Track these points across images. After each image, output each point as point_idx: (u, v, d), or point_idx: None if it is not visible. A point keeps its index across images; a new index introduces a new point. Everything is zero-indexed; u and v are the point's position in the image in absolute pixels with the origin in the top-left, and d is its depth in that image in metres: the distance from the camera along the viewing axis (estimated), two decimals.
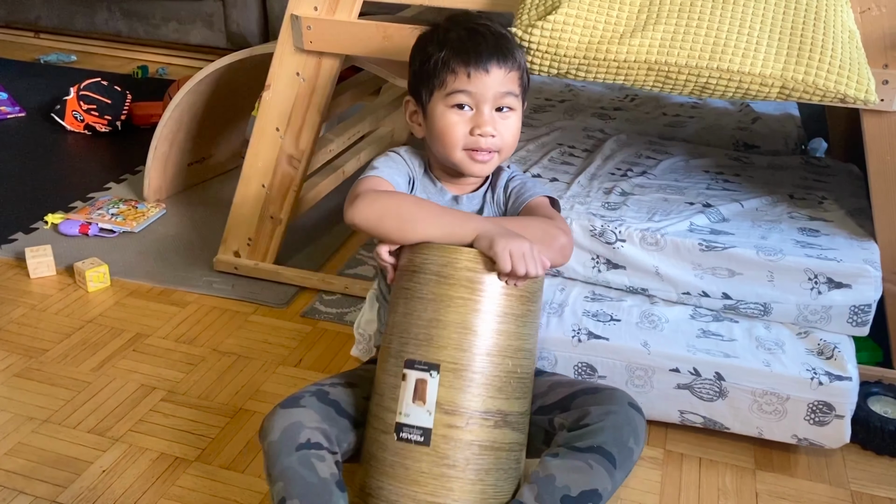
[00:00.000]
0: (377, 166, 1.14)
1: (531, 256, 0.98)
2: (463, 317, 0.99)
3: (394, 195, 1.08)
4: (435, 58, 1.09)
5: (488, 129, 1.08)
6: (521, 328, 1.01)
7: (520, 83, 1.12)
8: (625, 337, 1.25)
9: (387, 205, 1.04)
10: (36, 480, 1.19)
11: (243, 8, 3.14)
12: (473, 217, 1.06)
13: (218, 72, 1.85)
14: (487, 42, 1.08)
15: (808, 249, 1.24)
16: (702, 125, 1.87)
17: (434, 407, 0.97)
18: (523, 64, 1.13)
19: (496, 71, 1.07)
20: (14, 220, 1.96)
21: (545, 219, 1.11)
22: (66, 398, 1.36)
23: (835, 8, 1.19)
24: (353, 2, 1.47)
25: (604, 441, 0.98)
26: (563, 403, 1.07)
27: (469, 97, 1.08)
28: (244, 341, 1.54)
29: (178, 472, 1.21)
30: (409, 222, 1.03)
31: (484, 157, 1.11)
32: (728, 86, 1.16)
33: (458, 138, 1.10)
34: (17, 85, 2.86)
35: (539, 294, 1.05)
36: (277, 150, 1.62)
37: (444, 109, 1.10)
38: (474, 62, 1.07)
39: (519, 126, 1.13)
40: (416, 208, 1.04)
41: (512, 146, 1.14)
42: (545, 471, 0.97)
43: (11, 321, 1.58)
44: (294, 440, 0.97)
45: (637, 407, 1.04)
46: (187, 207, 2.06)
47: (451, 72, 1.08)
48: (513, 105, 1.10)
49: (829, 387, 1.17)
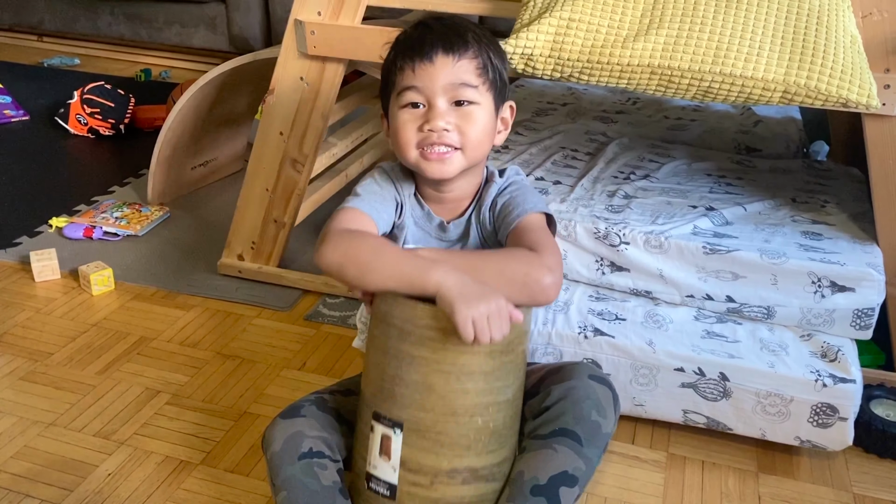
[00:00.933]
0: (360, 193, 1.08)
1: (497, 320, 0.89)
2: (424, 377, 0.94)
3: (357, 238, 0.99)
4: (388, 61, 1.05)
5: (439, 122, 1.00)
6: (493, 383, 0.96)
7: (480, 73, 1.02)
8: (630, 335, 1.26)
9: (348, 251, 0.97)
10: (42, 484, 1.19)
11: (246, 11, 3.14)
12: (436, 266, 0.93)
13: (221, 76, 1.86)
14: (434, 32, 1.02)
15: (812, 253, 1.25)
16: (704, 128, 1.88)
17: (398, 464, 0.95)
18: (486, 53, 1.03)
19: (443, 59, 1.00)
20: (18, 224, 1.96)
21: (527, 254, 0.99)
22: (72, 401, 1.37)
23: (836, 13, 1.19)
24: (357, 7, 1.47)
25: (565, 421, 0.97)
26: (533, 390, 1.05)
27: (418, 93, 1.01)
28: (248, 344, 1.54)
29: (184, 476, 1.21)
30: (369, 273, 0.95)
31: (436, 154, 1.01)
32: (731, 90, 1.17)
33: (409, 137, 1.02)
34: (20, 88, 2.87)
35: (518, 341, 0.98)
36: (281, 154, 1.63)
37: (396, 111, 1.04)
38: (418, 54, 1.00)
39: (486, 121, 1.03)
40: (376, 256, 0.96)
41: (478, 144, 1.03)
42: (515, 469, 0.97)
43: (16, 325, 1.58)
44: (296, 449, 0.97)
45: (599, 377, 1.02)
46: (191, 211, 2.07)
47: (399, 70, 1.02)
48: (473, 98, 1.01)
49: (833, 389, 1.17)
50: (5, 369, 1.45)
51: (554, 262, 0.99)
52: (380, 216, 1.06)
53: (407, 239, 1.11)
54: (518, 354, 0.99)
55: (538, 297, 0.97)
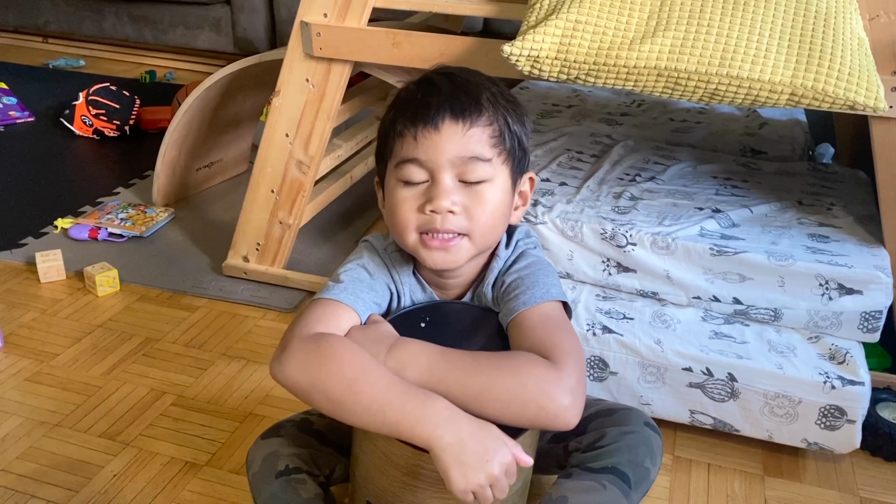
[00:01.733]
0: (342, 280, 0.91)
1: (500, 484, 0.76)
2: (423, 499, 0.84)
3: (330, 361, 0.80)
4: (385, 122, 0.90)
5: (442, 203, 0.84)
6: None
7: (494, 143, 0.86)
8: (638, 334, 1.26)
9: (318, 377, 0.79)
10: (47, 484, 1.19)
11: (251, 13, 3.15)
12: (430, 409, 0.77)
13: (227, 77, 1.86)
14: (441, 93, 0.86)
15: (819, 255, 1.24)
16: (709, 131, 1.88)
17: None
18: (503, 119, 0.88)
19: (450, 127, 0.84)
20: (24, 225, 1.96)
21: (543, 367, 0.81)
22: (77, 402, 1.37)
23: (844, 15, 1.19)
24: (363, 9, 1.48)
25: (618, 461, 0.93)
26: (578, 428, 0.95)
27: (420, 167, 0.86)
28: (253, 346, 1.54)
29: (189, 477, 1.21)
30: (344, 413, 0.79)
31: (438, 242, 0.86)
32: (737, 93, 1.17)
33: (408, 218, 0.87)
34: (26, 90, 2.88)
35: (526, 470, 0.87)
36: (286, 156, 1.63)
37: (393, 185, 0.88)
38: (422, 120, 0.84)
39: (500, 201, 0.88)
40: (352, 394, 0.78)
41: (488, 228, 0.88)
42: (557, 493, 0.93)
43: (22, 325, 1.58)
44: (273, 468, 0.95)
45: (654, 426, 1.00)
46: (196, 212, 2.07)
47: (399, 136, 0.87)
48: (484, 174, 0.86)
49: (841, 391, 1.17)
50: (11, 370, 1.45)
51: (575, 380, 0.81)
52: (365, 307, 0.91)
53: None
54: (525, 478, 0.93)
55: (554, 424, 0.81)
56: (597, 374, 1.28)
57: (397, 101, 0.90)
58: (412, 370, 0.83)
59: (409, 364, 0.83)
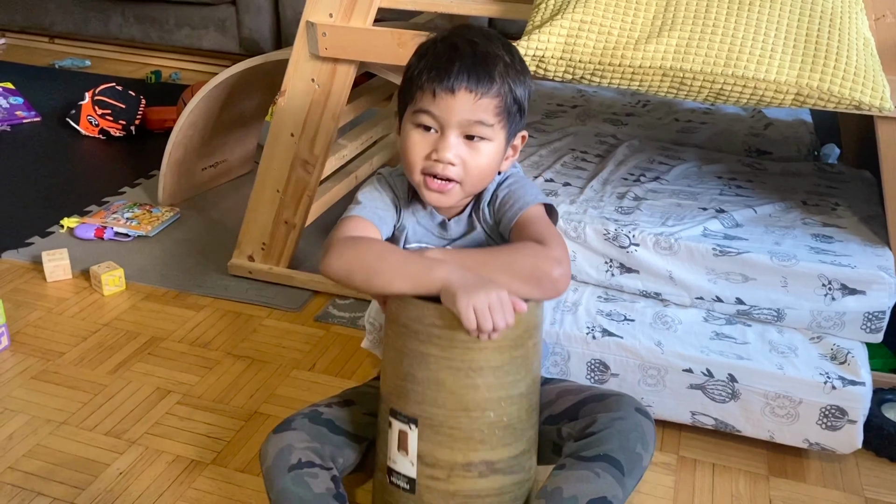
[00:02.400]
0: (361, 201, 1.09)
1: (499, 309, 0.90)
2: (435, 374, 0.96)
3: (362, 245, 1.01)
4: (411, 70, 1.03)
5: (446, 154, 1.00)
6: (502, 378, 0.97)
7: (498, 112, 1.00)
8: (638, 336, 1.26)
9: (354, 258, 0.99)
10: (54, 482, 1.20)
11: (256, 13, 3.16)
12: (440, 264, 0.96)
13: (232, 77, 1.87)
14: (463, 61, 0.99)
15: (822, 255, 1.24)
16: (714, 131, 1.87)
17: (416, 458, 0.98)
18: (509, 91, 1.01)
19: (464, 95, 0.98)
20: (30, 224, 1.97)
21: (534, 247, 0.99)
22: (83, 401, 1.37)
23: (849, 15, 1.19)
24: (368, 9, 1.48)
25: (610, 448, 0.97)
26: (570, 412, 1.06)
27: (433, 119, 1.00)
28: (258, 345, 1.55)
29: (194, 475, 1.22)
30: (376, 277, 0.97)
31: (437, 184, 1.02)
32: (743, 92, 1.17)
33: (416, 160, 1.02)
34: (32, 90, 2.89)
35: (527, 335, 0.99)
36: (292, 156, 1.64)
37: (409, 127, 1.03)
38: (442, 81, 0.98)
39: (493, 156, 1.03)
40: (381, 261, 0.98)
41: (480, 179, 1.04)
42: (552, 484, 0.97)
43: (28, 324, 1.59)
44: (286, 462, 0.99)
45: (645, 412, 1.03)
46: (201, 212, 2.08)
47: (420, 88, 1.01)
48: (485, 135, 1.01)
49: (842, 391, 1.17)
50: (17, 368, 1.46)
51: (561, 254, 0.99)
52: (382, 221, 1.08)
53: (408, 238, 1.11)
54: (528, 349, 0.99)
55: (548, 289, 0.98)
56: (597, 377, 1.28)
57: (425, 54, 1.02)
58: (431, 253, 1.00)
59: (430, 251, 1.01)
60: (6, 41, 3.64)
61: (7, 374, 1.44)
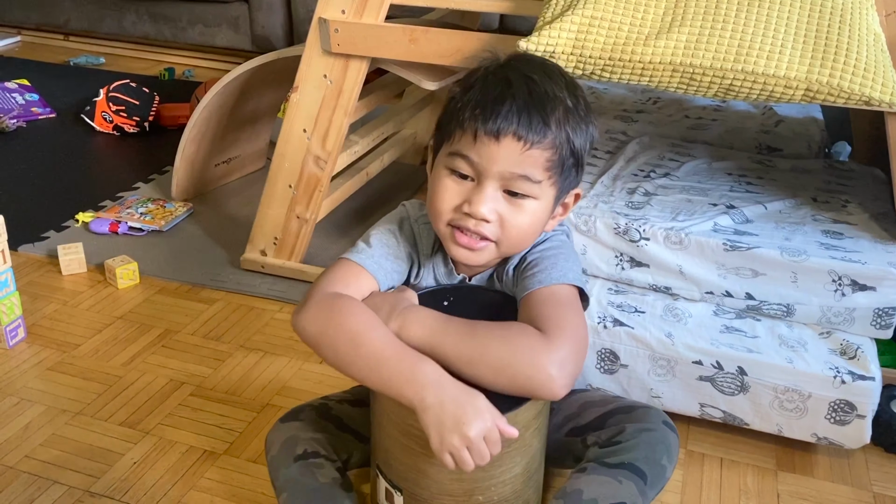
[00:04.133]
0: (371, 244, 0.95)
1: (478, 449, 0.79)
2: (417, 463, 0.89)
3: (340, 316, 0.85)
4: (454, 103, 0.89)
5: (480, 209, 0.86)
6: (491, 470, 0.88)
7: (549, 166, 0.86)
8: (649, 327, 1.26)
9: (327, 330, 0.85)
10: (69, 471, 1.21)
11: (268, 11, 3.18)
12: (419, 373, 0.81)
13: (245, 74, 1.88)
14: (515, 101, 0.84)
15: (833, 251, 1.25)
16: (724, 128, 1.87)
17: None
18: (566, 141, 0.86)
19: (511, 143, 0.84)
20: (46, 219, 2.00)
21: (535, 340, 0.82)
22: (98, 392, 1.39)
23: (860, 11, 1.19)
24: (380, 5, 1.49)
25: (635, 458, 0.95)
26: (596, 423, 1.03)
27: (470, 166, 0.86)
28: (270, 338, 1.56)
29: (207, 465, 1.23)
30: (345, 366, 0.84)
31: (467, 240, 0.88)
32: (752, 88, 1.17)
33: (444, 209, 0.89)
34: (47, 86, 2.92)
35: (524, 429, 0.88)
36: (304, 152, 1.65)
37: (442, 171, 0.89)
38: (486, 122, 0.83)
39: (538, 217, 0.89)
40: (354, 349, 0.83)
41: (517, 242, 0.90)
42: (572, 486, 0.94)
43: (45, 316, 1.61)
44: (292, 452, 0.99)
45: (672, 425, 1.01)
46: (214, 207, 2.09)
47: (460, 126, 0.86)
48: (531, 192, 0.86)
49: (851, 386, 1.17)
50: (34, 360, 1.48)
51: (566, 352, 0.82)
52: (387, 276, 0.95)
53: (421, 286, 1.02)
54: (525, 440, 0.90)
55: (540, 393, 0.83)
56: (607, 367, 1.29)
57: (472, 85, 0.88)
58: (413, 330, 0.86)
59: (411, 325, 0.87)
60: (22, 39, 3.68)
61: (24, 366, 1.46)
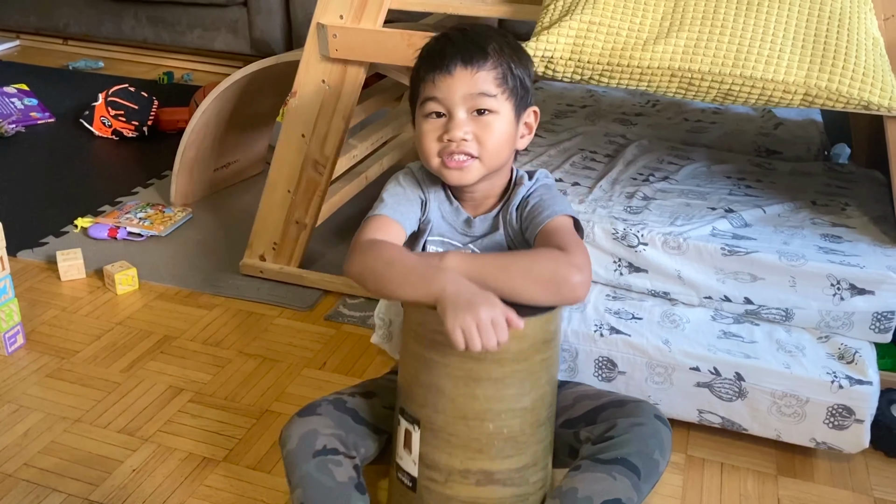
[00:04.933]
0: (385, 199, 1.12)
1: (488, 329, 0.89)
2: (436, 379, 0.97)
3: (375, 250, 1.02)
4: (413, 71, 1.09)
5: (457, 133, 1.03)
6: (503, 390, 0.96)
7: (500, 83, 1.04)
8: (646, 334, 1.26)
9: (366, 262, 1.02)
10: (68, 478, 1.21)
11: (267, 15, 3.18)
12: (440, 275, 0.95)
13: (244, 78, 1.88)
14: (454, 44, 1.04)
15: (831, 255, 1.24)
16: (724, 131, 1.87)
17: (417, 458, 0.99)
18: (507, 65, 1.05)
19: (461, 72, 1.02)
20: (45, 224, 2.00)
21: (556, 253, 1.00)
22: (97, 398, 1.39)
23: (858, 15, 1.19)
24: (378, 10, 1.49)
25: (628, 453, 0.97)
26: (588, 417, 1.06)
27: (438, 103, 1.04)
28: (269, 344, 1.56)
29: (206, 472, 1.23)
30: (384, 284, 0.99)
31: (455, 162, 1.05)
32: (751, 93, 1.17)
33: (431, 147, 1.06)
34: (46, 91, 2.92)
35: (532, 350, 0.98)
36: (303, 156, 1.65)
37: (420, 120, 1.07)
38: (438, 66, 1.03)
39: (504, 129, 1.06)
40: (389, 268, 0.99)
41: (496, 152, 1.06)
42: (567, 485, 0.98)
43: (43, 323, 1.61)
44: (311, 447, 1.00)
45: (663, 419, 1.03)
46: (213, 212, 2.09)
47: (422, 81, 1.06)
48: (492, 107, 1.04)
49: (849, 390, 1.17)
50: (33, 366, 1.48)
51: (583, 261, 1.00)
52: (406, 219, 1.10)
53: (433, 232, 1.13)
54: (534, 364, 0.98)
55: (567, 295, 0.98)
56: (605, 375, 1.28)
57: (422, 55, 1.08)
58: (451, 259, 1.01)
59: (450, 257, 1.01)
60: (20, 43, 3.68)
61: (22, 372, 1.46)
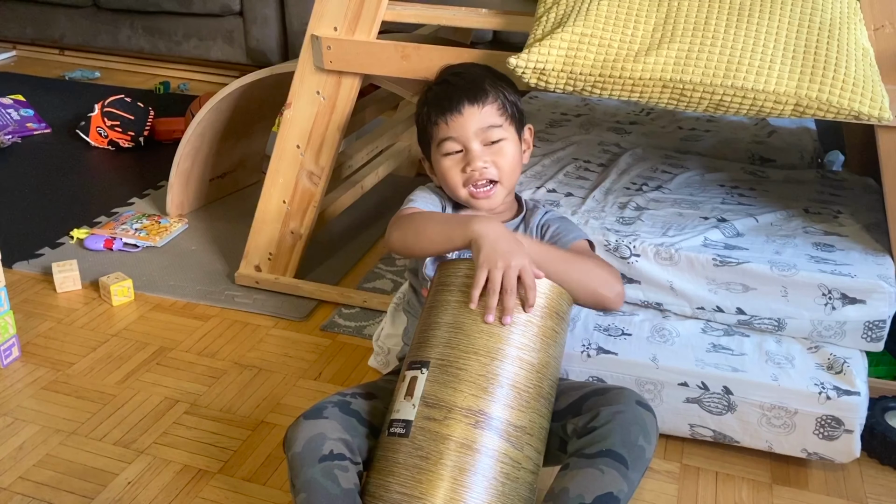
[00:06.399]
0: (413, 199, 1.24)
1: (511, 278, 1.00)
2: (454, 317, 1.03)
3: (416, 216, 1.16)
4: (423, 117, 1.23)
5: (477, 163, 1.18)
6: (517, 338, 1.01)
7: (502, 113, 1.20)
8: (634, 351, 1.26)
9: (406, 225, 1.15)
10: (63, 492, 1.21)
11: (263, 25, 3.19)
12: (480, 220, 1.07)
13: (239, 89, 1.89)
14: (458, 88, 1.20)
15: (823, 265, 1.25)
16: (717, 139, 1.88)
17: (419, 400, 0.99)
18: (504, 96, 1.21)
19: (469, 110, 1.18)
20: (40, 236, 2.00)
21: (608, 265, 1.19)
22: (92, 411, 1.39)
23: (848, 26, 1.20)
24: (372, 22, 1.50)
25: (612, 443, 0.98)
26: (574, 407, 1.07)
27: (454, 142, 1.19)
28: (265, 354, 1.56)
29: (202, 484, 1.23)
30: (424, 235, 1.12)
31: (482, 191, 1.20)
32: (742, 103, 1.18)
33: (456, 180, 1.21)
34: (42, 101, 2.92)
35: (545, 313, 1.03)
36: (298, 167, 1.65)
37: (439, 158, 1.21)
38: (447, 109, 1.18)
39: (514, 152, 1.21)
40: (428, 221, 1.13)
41: (511, 173, 1.21)
42: (558, 485, 0.98)
43: (38, 335, 1.61)
44: (317, 452, 0.99)
45: (645, 404, 1.04)
46: (209, 222, 2.10)
47: (435, 124, 1.20)
48: (500, 135, 1.19)
49: (836, 401, 1.18)
50: (28, 378, 1.48)
51: (620, 278, 1.17)
52: None
53: None
54: (545, 328, 1.03)
55: (611, 301, 1.13)
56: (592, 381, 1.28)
57: (428, 100, 1.23)
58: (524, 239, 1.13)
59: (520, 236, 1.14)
60: (17, 53, 3.69)
61: (18, 385, 1.46)
